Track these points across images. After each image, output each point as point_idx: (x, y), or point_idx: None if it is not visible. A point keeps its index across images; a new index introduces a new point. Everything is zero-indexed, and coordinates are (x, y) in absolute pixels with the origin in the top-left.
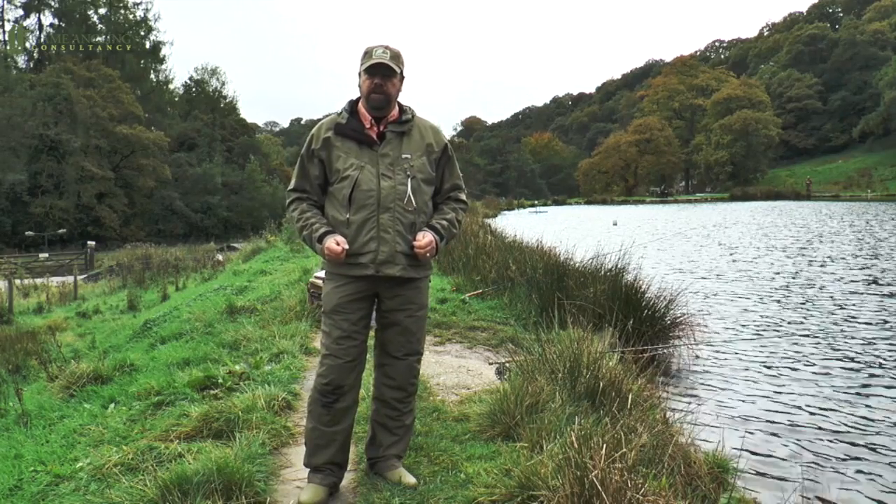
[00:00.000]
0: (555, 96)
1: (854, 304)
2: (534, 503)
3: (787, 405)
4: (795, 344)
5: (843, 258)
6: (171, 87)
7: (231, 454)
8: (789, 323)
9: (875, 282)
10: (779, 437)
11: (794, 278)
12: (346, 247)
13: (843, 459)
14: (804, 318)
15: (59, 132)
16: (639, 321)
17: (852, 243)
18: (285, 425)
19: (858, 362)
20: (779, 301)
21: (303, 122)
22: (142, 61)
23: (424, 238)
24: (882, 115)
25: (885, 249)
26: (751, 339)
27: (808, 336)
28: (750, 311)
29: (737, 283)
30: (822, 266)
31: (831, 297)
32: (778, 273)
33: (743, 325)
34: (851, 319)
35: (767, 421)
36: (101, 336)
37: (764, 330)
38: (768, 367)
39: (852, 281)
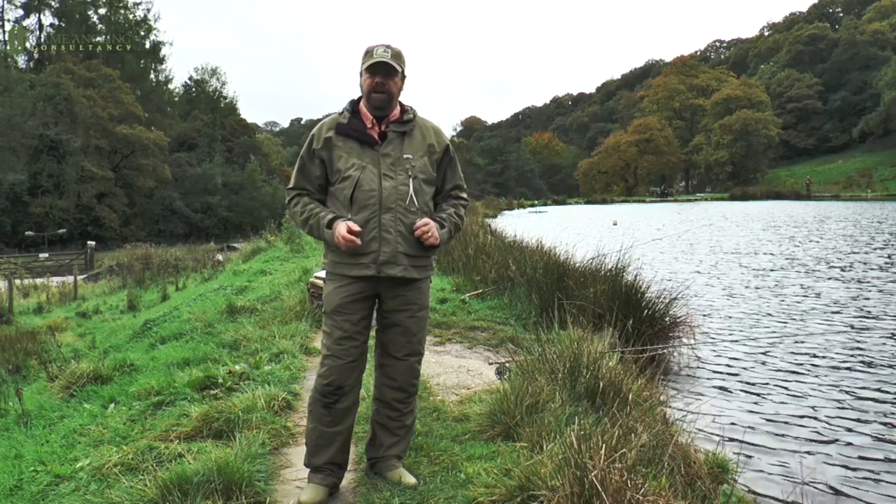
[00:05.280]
0: (555, 96)
1: (854, 304)
2: (534, 503)
3: (787, 405)
4: (796, 344)
5: (844, 259)
6: (171, 87)
7: (231, 454)
8: (790, 322)
9: (876, 282)
10: (779, 436)
11: (794, 278)
12: (358, 229)
13: (844, 459)
14: (804, 317)
15: (59, 132)
16: (639, 321)
17: (853, 244)
18: (285, 425)
19: (859, 362)
20: (779, 301)
21: (303, 122)
22: (142, 61)
23: (423, 218)
24: (882, 115)
25: (886, 250)
26: (751, 339)
27: (808, 335)
28: (750, 311)
29: (737, 283)
30: (822, 266)
31: (831, 296)
32: (778, 273)
33: (743, 325)
34: (852, 319)
35: (767, 421)
36: (101, 336)
37: (764, 330)
38: (768, 367)
39: (853, 281)
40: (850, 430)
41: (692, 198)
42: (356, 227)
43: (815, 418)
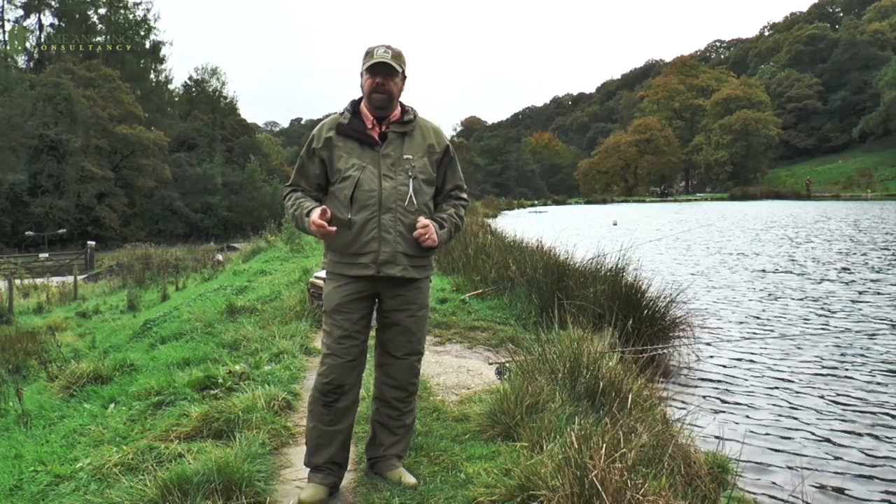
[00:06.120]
0: (555, 96)
1: (854, 305)
2: (534, 503)
3: (787, 404)
4: (796, 343)
5: (844, 260)
6: (171, 87)
7: (231, 454)
8: (790, 322)
9: (876, 283)
10: (779, 436)
11: (794, 279)
12: (322, 207)
13: (843, 459)
14: (805, 317)
15: (59, 132)
16: (639, 321)
17: (853, 245)
18: (285, 425)
19: (859, 362)
20: (779, 301)
21: (303, 122)
22: (142, 61)
23: (422, 220)
24: (882, 115)
25: (886, 251)
26: (751, 339)
27: (808, 336)
28: (750, 311)
29: (737, 283)
30: (822, 267)
31: (831, 297)
32: (778, 274)
33: (743, 325)
34: (852, 320)
35: (767, 421)
36: (101, 336)
37: (764, 330)
38: (768, 367)
39: (853, 282)
40: (850, 430)
41: (692, 198)
42: (321, 208)
43: (815, 418)
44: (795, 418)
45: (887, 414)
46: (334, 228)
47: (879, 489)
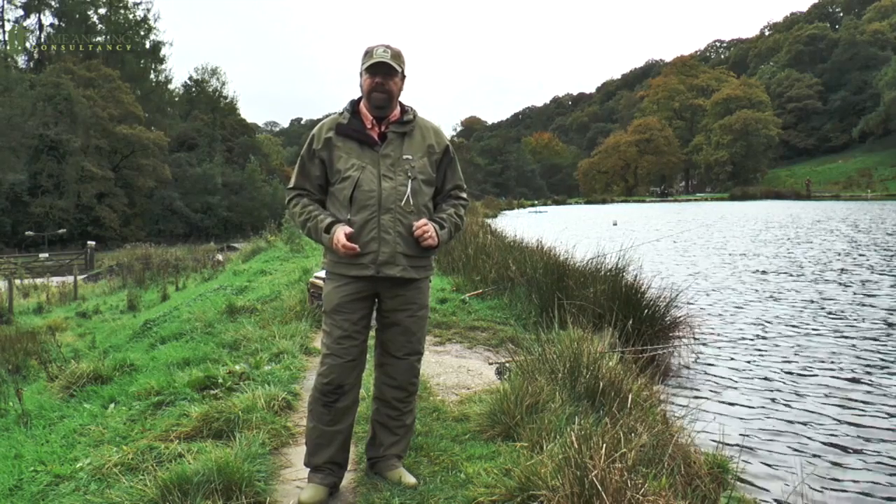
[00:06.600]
0: (555, 96)
1: (854, 306)
2: (534, 503)
3: (786, 405)
4: (796, 344)
5: (844, 260)
6: (171, 87)
7: (231, 454)
8: (790, 323)
9: (876, 283)
10: (779, 436)
11: (794, 279)
12: (350, 230)
13: (843, 459)
14: (804, 318)
15: (59, 132)
16: (639, 321)
17: (853, 245)
18: (285, 425)
19: (859, 362)
20: (779, 301)
21: (303, 122)
22: (142, 61)
23: (421, 220)
24: (882, 115)
25: (885, 252)
26: (751, 339)
27: (808, 336)
28: (750, 311)
29: (737, 282)
30: (822, 268)
31: (831, 297)
32: (778, 274)
33: (743, 325)
34: (851, 319)
35: (767, 421)
36: (101, 336)
37: (764, 330)
38: (768, 367)
39: (852, 282)
40: (849, 430)
41: (692, 198)
42: (349, 230)
43: (815, 418)
44: (795, 418)
45: (887, 414)
46: (359, 249)
47: (879, 489)
